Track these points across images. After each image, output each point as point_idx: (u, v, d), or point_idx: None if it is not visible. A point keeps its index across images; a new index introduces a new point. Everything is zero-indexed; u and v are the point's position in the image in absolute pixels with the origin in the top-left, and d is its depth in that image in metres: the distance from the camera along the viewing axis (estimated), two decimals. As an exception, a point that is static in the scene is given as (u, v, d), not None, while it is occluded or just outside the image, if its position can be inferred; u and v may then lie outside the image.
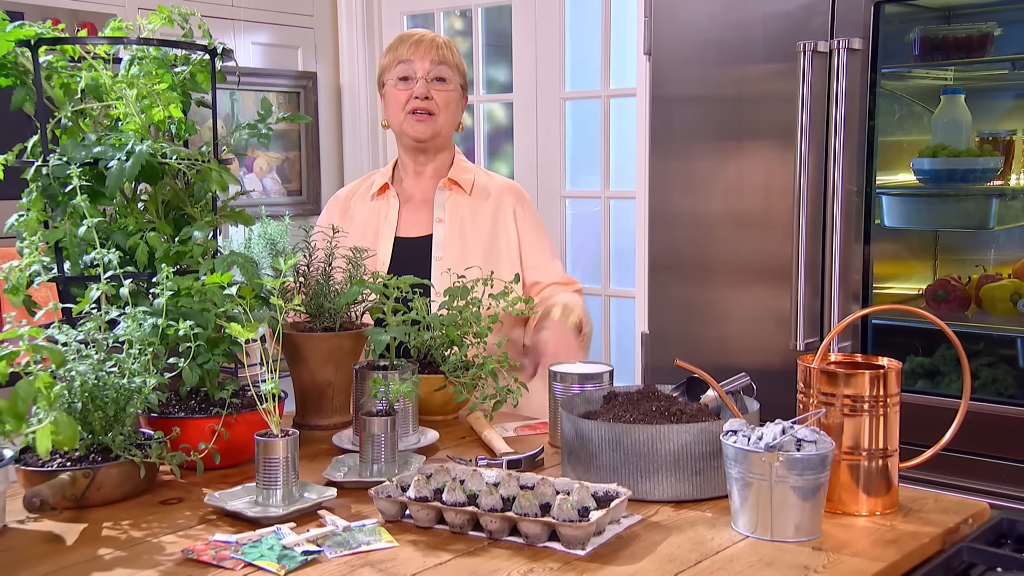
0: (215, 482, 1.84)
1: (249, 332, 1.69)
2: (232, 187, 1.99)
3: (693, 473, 1.64)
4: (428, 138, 2.71)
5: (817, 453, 1.45)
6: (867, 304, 2.88)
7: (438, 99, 2.69)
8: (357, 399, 2.03)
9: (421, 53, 2.69)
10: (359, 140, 5.14)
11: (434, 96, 2.68)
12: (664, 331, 3.34)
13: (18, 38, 1.88)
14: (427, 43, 2.71)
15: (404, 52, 2.71)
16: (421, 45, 2.70)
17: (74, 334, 1.73)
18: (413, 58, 2.69)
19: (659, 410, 1.75)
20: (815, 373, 1.60)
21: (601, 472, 1.69)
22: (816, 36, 2.87)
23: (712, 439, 1.64)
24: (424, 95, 2.67)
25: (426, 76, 2.68)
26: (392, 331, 1.99)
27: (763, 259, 3.07)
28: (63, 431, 1.58)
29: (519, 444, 2.05)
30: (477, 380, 2.15)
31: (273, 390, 1.69)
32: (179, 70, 2.10)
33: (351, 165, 5.17)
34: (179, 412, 1.89)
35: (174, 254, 1.94)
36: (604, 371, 2.03)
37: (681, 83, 3.21)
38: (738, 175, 3.10)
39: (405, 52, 2.71)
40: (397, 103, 2.71)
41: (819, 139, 2.87)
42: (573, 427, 1.74)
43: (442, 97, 2.70)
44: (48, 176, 1.89)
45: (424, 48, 2.70)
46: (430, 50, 2.70)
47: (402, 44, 2.73)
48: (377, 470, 1.81)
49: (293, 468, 1.69)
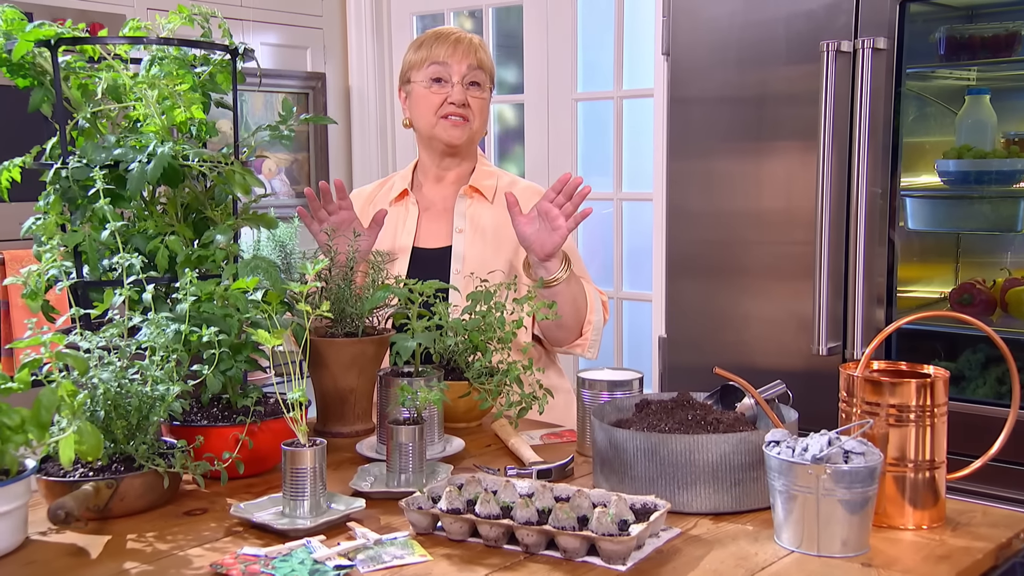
0: (239, 492, 1.79)
1: (276, 339, 1.64)
2: (255, 190, 1.94)
3: (732, 484, 1.60)
4: (461, 143, 2.63)
5: (866, 466, 1.41)
6: (891, 308, 2.84)
7: (474, 105, 2.61)
8: (382, 406, 1.99)
9: (459, 56, 2.60)
10: (368, 141, 5.09)
11: (470, 102, 2.61)
12: (682, 334, 3.30)
13: (38, 38, 1.84)
14: (465, 45, 2.61)
15: (440, 53, 2.60)
16: (459, 47, 2.60)
17: (96, 340, 1.69)
18: (450, 60, 2.59)
19: (695, 419, 1.70)
20: (859, 382, 1.55)
21: (636, 483, 1.65)
22: (840, 36, 2.82)
23: (752, 449, 1.59)
24: (462, 102, 2.59)
25: (462, 81, 2.59)
26: (418, 337, 1.95)
27: (784, 261, 3.03)
28: (87, 441, 1.54)
29: (546, 452, 2.01)
30: (502, 387, 2.11)
31: (300, 398, 1.65)
32: (199, 70, 2.06)
33: (360, 166, 5.12)
34: (202, 420, 1.85)
35: (196, 258, 1.90)
36: (634, 378, 1.98)
37: (700, 84, 3.17)
38: (758, 177, 3.06)
39: (442, 53, 2.60)
40: (429, 105, 2.61)
41: (842, 140, 2.83)
42: (606, 436, 1.70)
43: (477, 104, 2.62)
44: (68, 179, 1.85)
45: (463, 51, 2.60)
46: (468, 53, 2.60)
47: (438, 43, 2.62)
48: (405, 480, 1.77)
49: (321, 479, 1.65)
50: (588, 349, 2.55)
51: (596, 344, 2.55)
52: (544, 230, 2.34)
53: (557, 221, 2.32)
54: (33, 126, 2.17)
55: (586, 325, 2.51)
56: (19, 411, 1.51)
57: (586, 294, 2.51)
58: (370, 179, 5.07)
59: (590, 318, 2.51)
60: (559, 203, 2.33)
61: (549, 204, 2.33)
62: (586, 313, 2.51)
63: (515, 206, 2.37)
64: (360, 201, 2.74)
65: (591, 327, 2.52)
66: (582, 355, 2.57)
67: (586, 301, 2.51)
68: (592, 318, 2.51)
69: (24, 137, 2.13)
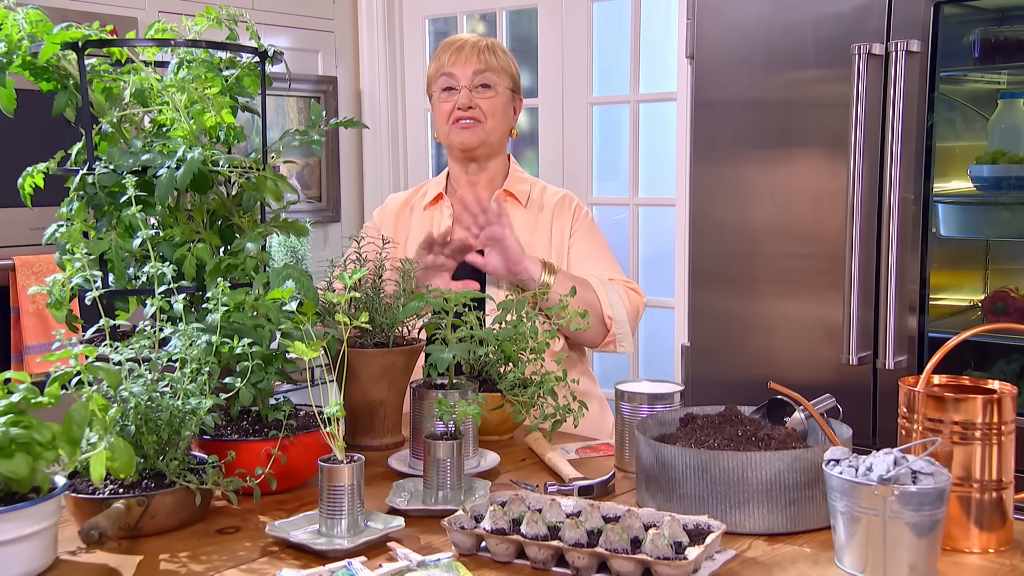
0: (270, 509, 1.74)
1: (313, 351, 1.59)
2: (287, 196, 1.89)
3: (787, 504, 1.54)
4: (475, 145, 2.61)
5: (935, 487, 1.35)
6: (923, 316, 2.78)
7: (484, 106, 2.60)
8: (415, 420, 1.93)
9: (462, 61, 2.61)
10: (379, 146, 5.03)
11: (479, 104, 2.60)
12: (706, 343, 3.24)
13: (64, 40, 1.78)
14: (467, 50, 2.62)
15: (446, 61, 2.63)
16: (461, 53, 2.62)
17: (127, 352, 1.63)
18: (454, 68, 2.61)
19: (745, 435, 1.65)
20: (920, 397, 1.50)
21: (685, 502, 1.59)
22: (871, 38, 2.77)
23: (807, 467, 1.54)
24: (467, 105, 2.59)
25: (469, 85, 2.59)
26: (454, 348, 1.88)
27: (812, 268, 2.97)
28: (119, 457, 1.49)
29: (583, 467, 1.95)
30: (536, 399, 2.05)
31: (338, 413, 1.59)
32: (226, 74, 2.00)
33: (371, 171, 5.06)
34: (232, 434, 1.79)
35: (225, 267, 1.84)
36: (675, 391, 1.93)
37: (726, 87, 3.11)
38: (786, 182, 3.00)
39: (447, 61, 2.62)
40: (442, 114, 2.64)
41: (873, 145, 2.77)
42: (652, 452, 1.65)
43: (488, 104, 2.61)
44: (94, 185, 1.79)
45: (465, 55, 2.61)
46: (471, 57, 2.61)
47: (444, 52, 2.65)
48: (442, 496, 1.72)
49: (359, 496, 1.59)
50: (620, 344, 2.51)
51: (627, 337, 2.52)
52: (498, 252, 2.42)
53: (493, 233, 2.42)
54: (53, 131, 2.11)
55: (608, 320, 2.48)
56: (50, 427, 1.45)
57: (595, 290, 2.48)
58: (381, 183, 5.03)
59: (609, 313, 2.48)
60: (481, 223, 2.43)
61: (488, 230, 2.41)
62: (601, 308, 2.47)
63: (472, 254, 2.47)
64: (395, 207, 2.74)
65: (614, 322, 2.48)
66: (616, 351, 2.54)
67: (597, 297, 2.48)
68: (612, 312, 2.48)
69: (41, 142, 2.07)
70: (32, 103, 2.04)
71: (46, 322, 3.79)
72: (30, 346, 3.76)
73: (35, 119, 1.96)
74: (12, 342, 3.74)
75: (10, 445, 1.39)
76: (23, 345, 3.73)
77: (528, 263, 2.42)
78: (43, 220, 2.99)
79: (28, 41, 1.86)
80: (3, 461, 1.37)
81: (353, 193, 5.08)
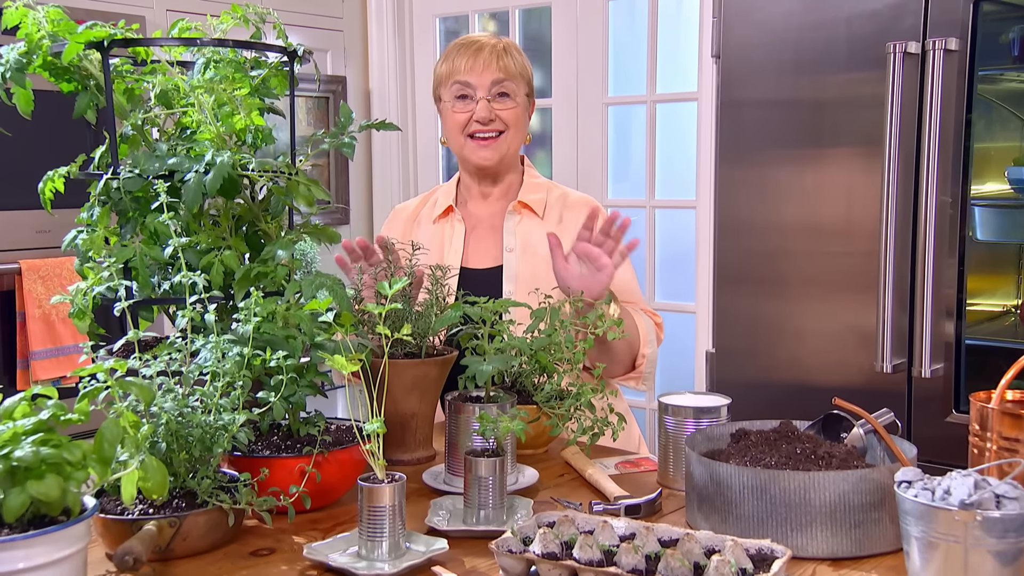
0: (304, 529, 1.67)
1: (353, 365, 1.52)
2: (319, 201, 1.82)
3: (852, 527, 1.48)
4: (495, 163, 2.50)
5: (1021, 512, 1.28)
6: (960, 322, 2.72)
7: (504, 117, 2.46)
8: (451, 434, 1.86)
9: (480, 68, 2.44)
10: (389, 147, 4.96)
11: (499, 115, 2.46)
12: (731, 349, 3.18)
13: (89, 40, 1.71)
14: (486, 55, 2.45)
15: (462, 65, 2.45)
16: (479, 58, 2.45)
17: (157, 365, 1.56)
18: (472, 74, 2.44)
19: (804, 453, 1.58)
20: (995, 414, 1.43)
21: (742, 524, 1.53)
22: (907, 36, 2.70)
23: (874, 488, 1.47)
24: (487, 118, 2.44)
25: (487, 95, 2.44)
26: (492, 360, 1.81)
27: (843, 273, 2.90)
28: (152, 477, 1.42)
29: (625, 484, 1.88)
30: (573, 411, 1.98)
31: (379, 429, 1.52)
32: (252, 74, 1.94)
33: (380, 172, 4.99)
34: (264, 450, 1.72)
35: (255, 275, 1.77)
36: (721, 404, 1.86)
37: (754, 87, 3.05)
38: (817, 184, 2.93)
39: (463, 66, 2.45)
40: (456, 125, 2.48)
41: (908, 147, 2.71)
42: (706, 471, 1.58)
43: (508, 115, 2.47)
44: (119, 190, 1.72)
45: (483, 62, 2.44)
46: (490, 64, 2.44)
47: (459, 56, 2.47)
48: (484, 516, 1.65)
49: (400, 517, 1.53)
50: (642, 383, 2.43)
51: (651, 377, 2.43)
52: (588, 273, 2.21)
53: (601, 260, 2.19)
54: (59, 132, 2.04)
55: (639, 358, 2.39)
56: (80, 445, 1.38)
57: (638, 327, 2.38)
58: (391, 185, 4.96)
59: (643, 351, 2.38)
60: (599, 241, 2.20)
61: (589, 245, 2.19)
62: (639, 347, 2.38)
63: (557, 247, 2.23)
64: (403, 218, 2.63)
65: (645, 360, 2.39)
66: (634, 388, 2.45)
67: (639, 333, 2.37)
68: (646, 351, 2.38)
69: (45, 144, 2.00)
70: (50, 104, 1.97)
71: (52, 327, 3.72)
72: (36, 351, 3.69)
73: (43, 121, 1.89)
74: (18, 347, 3.67)
75: (40, 466, 1.32)
76: (29, 351, 3.66)
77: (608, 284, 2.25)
78: (50, 223, 2.92)
79: (49, 40, 1.79)
80: (34, 483, 1.30)
81: (362, 195, 5.01)
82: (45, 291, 3.66)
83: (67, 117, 1.87)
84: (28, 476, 1.31)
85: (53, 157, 1.91)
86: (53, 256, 3.65)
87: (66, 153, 1.94)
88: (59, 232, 1.92)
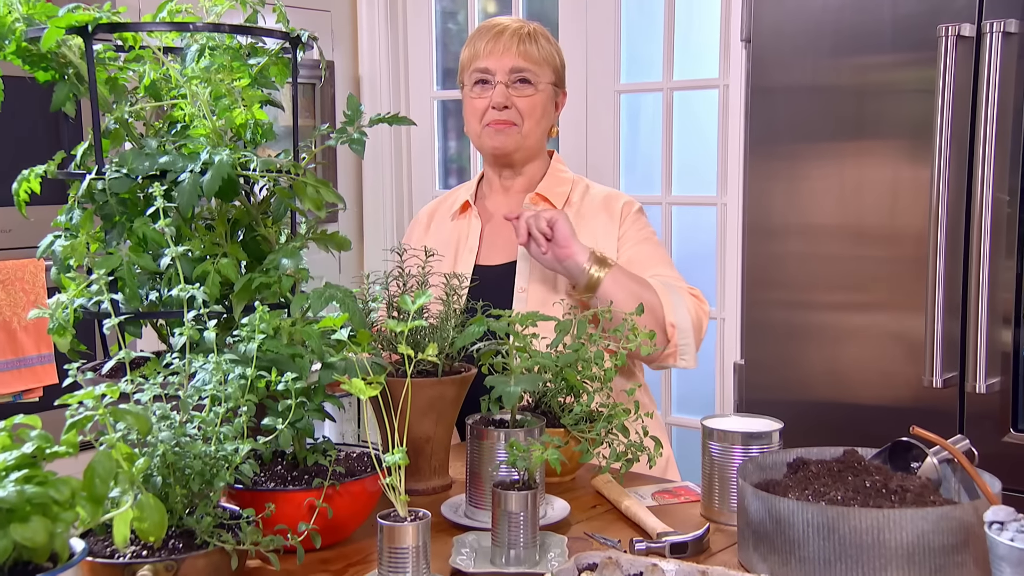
0: (314, 570, 1.61)
1: (372, 390, 1.46)
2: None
3: (933, 571, 1.42)
4: (510, 151, 2.49)
5: None
6: (1019, 330, 2.66)
7: (520, 106, 2.46)
8: (473, 462, 1.80)
9: (499, 52, 2.45)
10: (379, 138, 4.88)
11: (515, 103, 2.45)
12: (761, 360, 3.12)
13: (71, 24, 1.64)
14: (506, 39, 2.46)
15: (481, 49, 2.47)
16: (499, 42, 2.46)
17: (152, 390, 1.50)
18: (491, 58, 2.45)
19: (874, 486, 1.52)
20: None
21: (806, 566, 1.47)
22: (960, 19, 2.65)
23: (957, 528, 1.41)
24: (502, 104, 2.44)
25: (505, 80, 2.44)
26: (520, 381, 1.75)
27: (887, 276, 2.85)
28: (149, 517, 1.37)
29: (664, 517, 1.82)
30: (604, 435, 1.92)
31: (401, 461, 1.46)
32: (250, 62, 1.87)
33: (370, 167, 4.92)
34: (268, 482, 1.66)
35: (256, 287, 1.71)
36: (773, 429, 1.81)
37: (788, 73, 2.99)
38: (858, 177, 2.88)
39: (482, 49, 2.47)
40: (474, 111, 2.49)
41: (961, 138, 2.65)
42: (763, 506, 1.52)
43: (525, 103, 2.46)
44: (105, 191, 1.66)
45: (503, 45, 2.45)
46: (509, 47, 2.45)
47: (480, 39, 2.49)
48: (515, 556, 1.59)
49: (424, 558, 1.47)
50: (681, 357, 2.34)
51: (690, 350, 2.35)
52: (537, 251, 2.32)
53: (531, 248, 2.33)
54: (37, 123, 1.97)
55: (670, 329, 2.31)
56: (68, 482, 1.32)
57: (656, 293, 2.32)
58: (382, 179, 4.90)
59: (672, 320, 2.31)
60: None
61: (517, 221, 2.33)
62: (662, 313, 2.31)
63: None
64: (423, 222, 2.64)
65: (676, 330, 2.32)
66: (675, 365, 2.36)
67: (659, 300, 2.31)
68: (674, 319, 2.31)
69: (10, 136, 1.92)
70: (22, 93, 1.91)
71: (14, 336, 3.65)
72: (-4, 363, 3.62)
73: (5, 110, 1.82)
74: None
75: (25, 507, 1.25)
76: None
77: (576, 248, 2.27)
78: (10, 222, 2.83)
79: (24, 24, 1.72)
80: (18, 526, 1.24)
81: (351, 192, 4.94)
82: (6, 296, 3.58)
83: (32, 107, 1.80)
84: (11, 519, 1.24)
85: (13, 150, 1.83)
86: (14, 258, 3.57)
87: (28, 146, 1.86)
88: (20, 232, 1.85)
